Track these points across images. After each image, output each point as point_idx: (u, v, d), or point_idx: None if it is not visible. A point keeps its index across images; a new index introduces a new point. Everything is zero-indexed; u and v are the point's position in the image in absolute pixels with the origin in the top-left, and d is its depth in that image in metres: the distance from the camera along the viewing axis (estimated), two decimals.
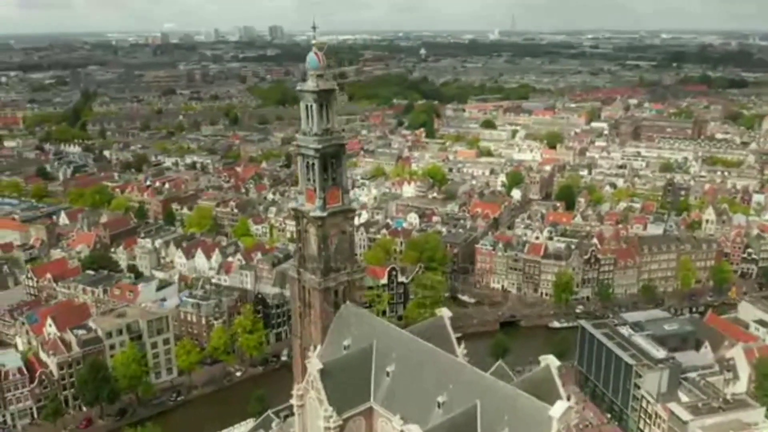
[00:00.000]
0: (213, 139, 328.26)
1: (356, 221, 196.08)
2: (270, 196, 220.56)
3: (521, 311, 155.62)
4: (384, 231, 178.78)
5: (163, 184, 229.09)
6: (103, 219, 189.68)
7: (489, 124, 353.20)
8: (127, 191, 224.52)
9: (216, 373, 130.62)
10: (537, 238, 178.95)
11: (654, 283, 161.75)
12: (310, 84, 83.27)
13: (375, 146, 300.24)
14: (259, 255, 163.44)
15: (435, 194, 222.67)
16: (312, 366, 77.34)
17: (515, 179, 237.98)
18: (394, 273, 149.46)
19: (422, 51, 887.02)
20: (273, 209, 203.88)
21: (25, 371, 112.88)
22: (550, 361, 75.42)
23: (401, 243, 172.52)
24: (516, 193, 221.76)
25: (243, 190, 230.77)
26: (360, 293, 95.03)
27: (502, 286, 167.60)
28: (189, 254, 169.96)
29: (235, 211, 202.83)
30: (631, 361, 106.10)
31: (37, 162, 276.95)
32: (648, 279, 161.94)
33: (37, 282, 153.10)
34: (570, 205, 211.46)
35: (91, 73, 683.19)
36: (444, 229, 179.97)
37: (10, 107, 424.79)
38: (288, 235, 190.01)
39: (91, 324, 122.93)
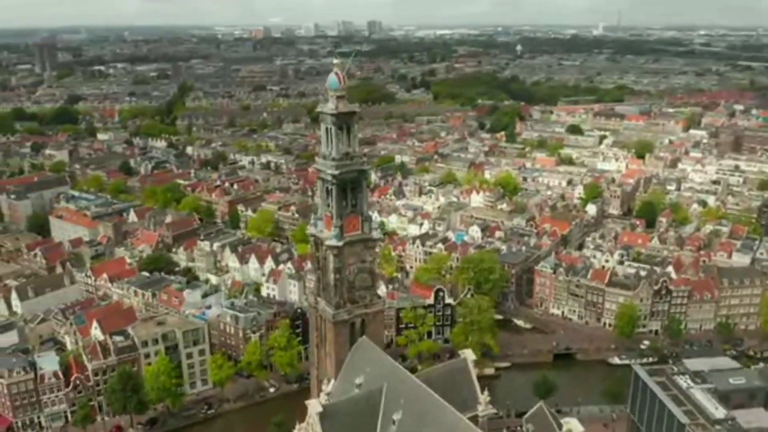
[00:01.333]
0: (292, 138, 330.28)
1: (417, 231, 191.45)
2: None
3: (579, 343, 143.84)
4: (440, 245, 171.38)
5: (232, 184, 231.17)
6: (168, 219, 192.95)
7: (575, 129, 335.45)
8: (198, 190, 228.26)
9: (250, 387, 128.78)
10: (607, 261, 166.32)
11: (733, 321, 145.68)
12: (330, 106, 78.77)
13: (451, 150, 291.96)
14: (309, 264, 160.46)
15: (504, 205, 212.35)
16: (311, 408, 73.00)
17: (593, 192, 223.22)
18: (441, 293, 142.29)
19: (518, 47, 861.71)
20: None
21: (61, 375, 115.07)
22: (572, 425, 67.45)
23: (457, 259, 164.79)
24: (591, 209, 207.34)
25: (309, 193, 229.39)
26: (380, 326, 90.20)
27: (562, 313, 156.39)
28: (243, 259, 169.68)
29: (296, 215, 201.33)
30: (684, 419, 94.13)
31: (124, 156, 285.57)
32: (726, 315, 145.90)
33: (95, 281, 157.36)
34: (651, 224, 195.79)
35: (193, 66, 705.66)
36: (504, 247, 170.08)
37: (110, 99, 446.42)
38: None
39: (130, 331, 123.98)
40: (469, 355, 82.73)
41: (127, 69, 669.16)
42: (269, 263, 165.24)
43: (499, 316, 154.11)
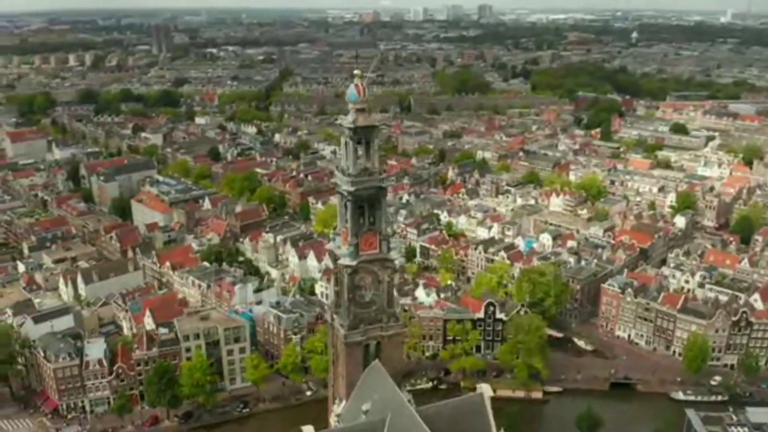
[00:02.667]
0: None
1: (485, 234, 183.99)
2: (405, 197, 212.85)
3: (642, 372, 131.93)
4: (502, 253, 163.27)
5: (306, 175, 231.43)
6: (238, 208, 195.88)
7: (680, 129, 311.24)
8: (274, 180, 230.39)
9: (287, 389, 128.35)
10: (686, 282, 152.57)
11: None
12: (348, 119, 74.93)
13: (538, 147, 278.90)
14: None
15: (585, 211, 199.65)
16: None
17: (686, 201, 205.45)
18: (492, 307, 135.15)
19: (634, 34, 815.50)
20: (403, 212, 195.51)
21: (105, 363, 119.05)
22: None
23: (519, 269, 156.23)
24: (680, 220, 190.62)
25: None
26: (398, 350, 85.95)
27: (629, 336, 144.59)
28: (302, 255, 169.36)
29: None
30: None
31: (215, 142, 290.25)
32: None
33: (159, 268, 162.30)
34: (747, 241, 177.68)
35: (298, 51, 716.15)
36: (572, 259, 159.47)
37: (213, 83, 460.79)
38: (407, 242, 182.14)
39: (175, 324, 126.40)
40: (486, 390, 77.81)
41: (237, 52, 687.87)
42: (326, 260, 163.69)
43: (559, 334, 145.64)
